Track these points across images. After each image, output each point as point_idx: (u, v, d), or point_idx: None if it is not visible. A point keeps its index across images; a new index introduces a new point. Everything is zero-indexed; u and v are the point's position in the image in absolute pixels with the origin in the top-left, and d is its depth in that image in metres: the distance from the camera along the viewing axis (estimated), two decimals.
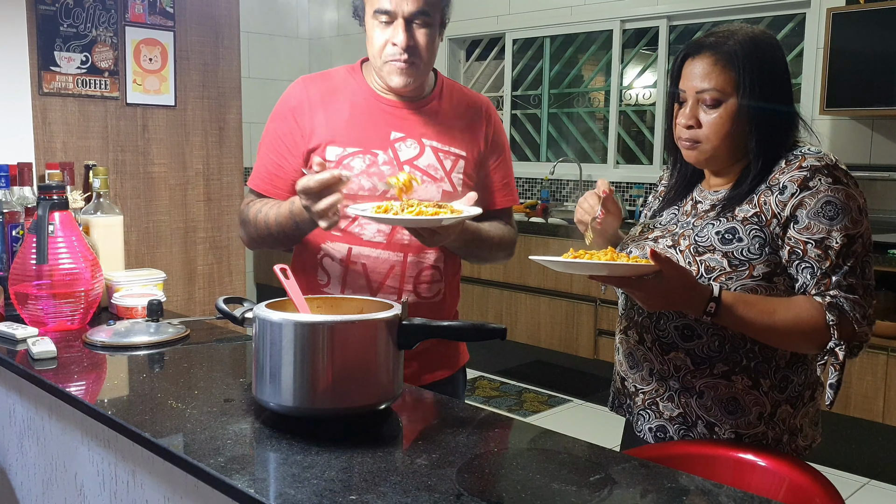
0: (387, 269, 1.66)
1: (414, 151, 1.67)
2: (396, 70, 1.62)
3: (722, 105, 1.40)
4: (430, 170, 1.68)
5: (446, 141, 1.71)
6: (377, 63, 1.64)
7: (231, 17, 3.39)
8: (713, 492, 1.03)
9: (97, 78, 3.02)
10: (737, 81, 1.39)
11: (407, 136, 1.68)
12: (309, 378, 1.16)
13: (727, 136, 1.41)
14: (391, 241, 1.65)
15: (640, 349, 1.50)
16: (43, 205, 1.67)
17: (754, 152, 1.41)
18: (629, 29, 4.90)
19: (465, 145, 1.72)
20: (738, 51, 1.39)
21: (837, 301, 1.34)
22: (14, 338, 1.61)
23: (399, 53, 1.60)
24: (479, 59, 5.75)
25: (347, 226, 1.65)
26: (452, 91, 1.77)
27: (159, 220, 3.22)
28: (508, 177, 1.82)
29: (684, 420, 1.46)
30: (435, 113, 1.72)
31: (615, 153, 5.02)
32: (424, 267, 1.68)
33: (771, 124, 1.41)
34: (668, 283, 1.29)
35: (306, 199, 1.45)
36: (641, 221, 1.63)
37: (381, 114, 1.69)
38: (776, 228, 1.37)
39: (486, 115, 1.78)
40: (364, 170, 1.64)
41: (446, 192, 1.67)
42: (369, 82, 1.72)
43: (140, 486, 1.31)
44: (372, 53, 1.65)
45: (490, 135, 1.77)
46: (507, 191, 1.81)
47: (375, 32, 1.62)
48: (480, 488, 1.02)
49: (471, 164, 1.72)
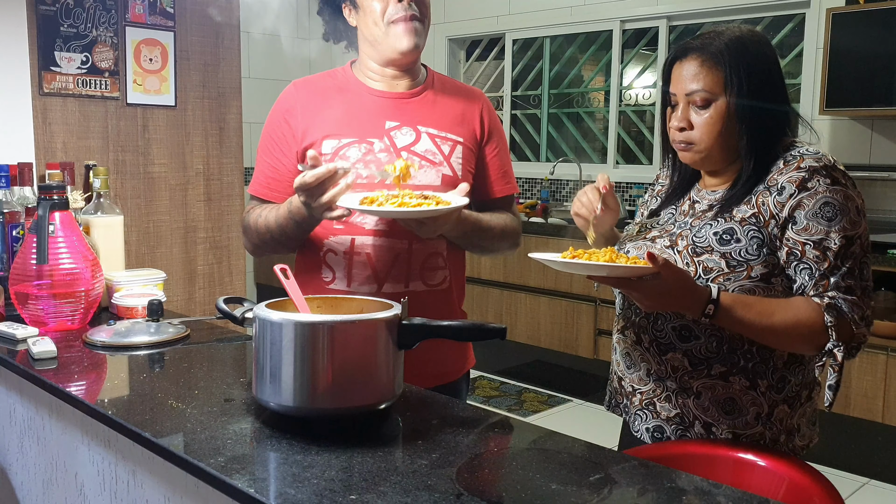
0: (392, 258, 1.65)
1: (410, 138, 1.67)
2: (403, 31, 1.61)
3: (712, 105, 1.41)
4: (428, 154, 1.67)
5: (442, 127, 1.70)
6: (379, 31, 1.63)
7: (231, 17, 3.39)
8: (712, 492, 1.03)
9: (97, 78, 3.02)
10: (725, 81, 1.39)
11: (402, 123, 1.68)
12: (309, 378, 1.16)
13: (719, 136, 1.42)
14: (394, 228, 1.64)
15: (637, 349, 1.51)
16: (43, 205, 1.67)
17: (745, 150, 1.42)
18: (629, 29, 4.90)
19: (462, 131, 1.72)
20: (724, 50, 1.40)
21: (836, 302, 1.34)
22: (14, 338, 1.61)
23: (405, 9, 1.60)
24: (479, 60, 5.75)
25: (349, 217, 1.65)
26: (444, 81, 1.78)
27: (159, 220, 3.22)
28: (506, 165, 1.81)
29: (681, 420, 1.47)
30: (429, 100, 1.72)
31: (615, 153, 5.02)
32: (430, 254, 1.68)
33: (762, 122, 1.41)
34: (667, 284, 1.29)
35: (305, 195, 1.44)
36: (638, 221, 1.63)
37: (375, 105, 1.69)
38: (774, 229, 1.38)
39: (481, 102, 1.78)
40: (360, 158, 1.64)
41: (447, 176, 1.67)
42: (361, 79, 1.72)
43: (140, 485, 1.31)
44: (372, 24, 1.63)
45: (486, 122, 1.77)
46: (505, 179, 1.81)
47: (373, 1, 1.62)
48: (480, 488, 1.02)
49: (468, 149, 1.72)
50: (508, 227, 1.77)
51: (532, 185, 5.36)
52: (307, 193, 1.43)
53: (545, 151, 5.43)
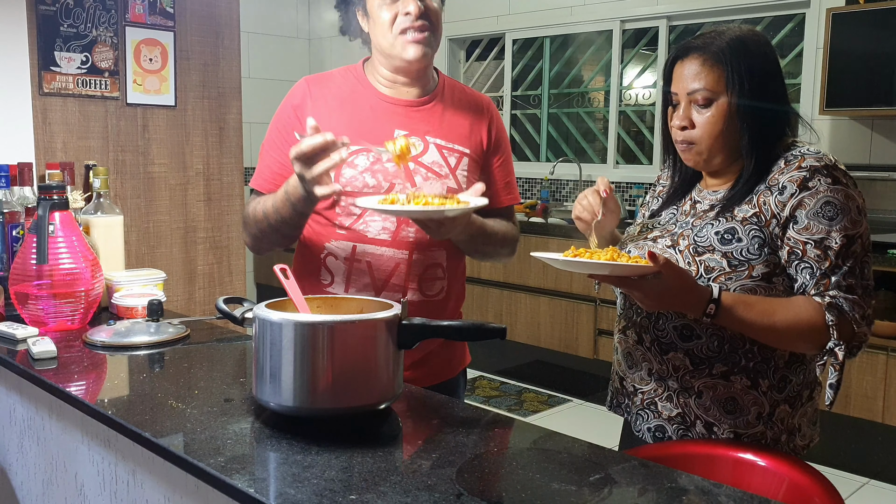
0: (392, 267, 1.65)
1: (418, 149, 1.67)
2: (412, 40, 1.61)
3: (713, 104, 1.41)
4: (434, 167, 1.67)
5: (450, 138, 1.70)
6: (388, 41, 1.63)
7: (231, 17, 3.39)
8: (713, 491, 1.03)
9: (97, 78, 3.02)
10: (727, 80, 1.40)
11: (411, 133, 1.67)
12: (309, 378, 1.16)
13: (720, 135, 1.42)
14: (396, 238, 1.64)
15: (638, 349, 1.51)
16: (43, 205, 1.67)
17: (747, 149, 1.42)
18: (629, 29, 4.90)
19: (469, 142, 1.72)
20: (725, 49, 1.40)
21: (837, 301, 1.34)
22: (14, 338, 1.61)
23: (413, 20, 1.59)
24: (479, 59, 5.75)
25: (352, 223, 1.65)
26: (454, 89, 1.77)
27: (159, 220, 3.22)
28: (510, 175, 1.82)
29: (683, 420, 1.47)
30: (438, 111, 1.72)
31: (615, 153, 5.02)
32: (430, 265, 1.68)
33: (762, 121, 1.41)
34: (668, 283, 1.29)
35: (300, 165, 1.41)
36: (640, 221, 1.63)
37: (385, 112, 1.69)
38: (775, 229, 1.38)
39: (489, 114, 1.78)
40: (368, 167, 1.63)
41: (451, 188, 1.67)
42: (372, 82, 1.72)
43: (140, 485, 1.31)
44: (381, 33, 1.63)
45: (493, 133, 1.77)
46: (509, 189, 1.81)
47: (382, 11, 1.61)
48: (480, 488, 1.02)
49: (474, 161, 1.72)
50: (509, 235, 1.78)
51: (532, 185, 5.36)
52: (302, 163, 1.41)
53: (545, 151, 5.43)
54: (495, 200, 1.78)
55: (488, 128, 1.76)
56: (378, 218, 1.63)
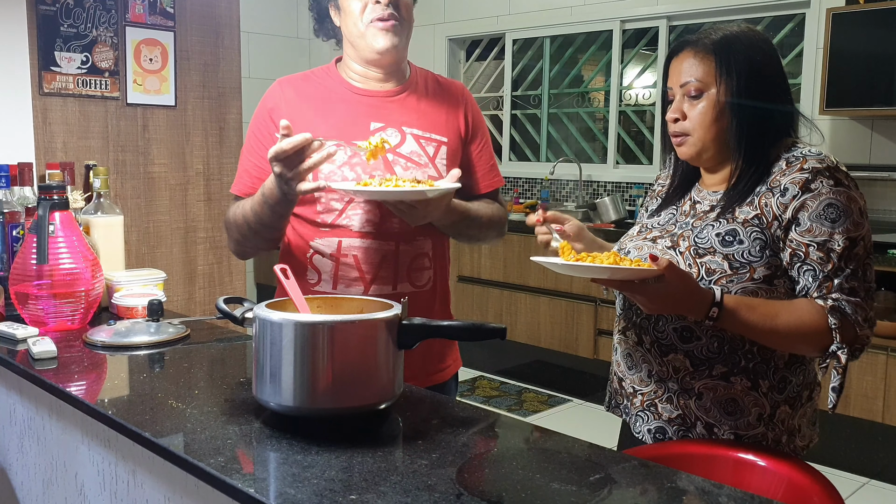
0: (379, 260, 1.65)
1: (395, 140, 1.68)
2: (382, 30, 1.62)
3: (704, 95, 1.42)
4: (413, 156, 1.68)
5: (427, 127, 1.71)
6: (358, 31, 1.64)
7: (231, 17, 3.39)
8: (713, 492, 1.03)
9: (97, 78, 3.02)
10: (716, 70, 1.40)
11: (387, 125, 1.68)
12: (309, 378, 1.16)
13: (712, 126, 1.42)
14: (381, 230, 1.65)
15: (638, 350, 1.50)
16: (43, 205, 1.67)
17: (735, 141, 1.42)
18: (629, 29, 4.90)
19: (446, 130, 1.73)
20: (717, 41, 1.42)
21: (839, 304, 1.34)
22: (14, 338, 1.61)
23: (383, 10, 1.60)
24: (479, 60, 5.75)
25: (335, 219, 1.65)
26: (427, 79, 1.78)
27: (159, 220, 3.22)
28: (492, 158, 1.83)
29: (683, 421, 1.46)
30: (413, 101, 1.73)
31: (615, 153, 5.02)
32: (417, 255, 1.69)
33: (755, 115, 1.41)
34: (670, 287, 1.29)
35: (280, 165, 1.42)
36: (639, 221, 1.63)
37: (359, 105, 1.69)
38: (777, 230, 1.37)
39: (464, 100, 1.79)
40: (346, 161, 1.64)
41: (432, 177, 1.68)
42: (345, 78, 1.73)
43: (140, 485, 1.31)
44: (352, 23, 1.64)
45: (470, 118, 1.78)
46: (492, 174, 1.83)
47: (352, 1, 1.63)
48: (480, 488, 1.02)
49: (453, 148, 1.73)
50: (495, 217, 1.79)
51: (532, 185, 5.36)
52: (283, 163, 1.42)
53: (545, 151, 5.43)
54: (479, 186, 1.79)
55: (465, 114, 1.77)
56: (360, 210, 1.64)
